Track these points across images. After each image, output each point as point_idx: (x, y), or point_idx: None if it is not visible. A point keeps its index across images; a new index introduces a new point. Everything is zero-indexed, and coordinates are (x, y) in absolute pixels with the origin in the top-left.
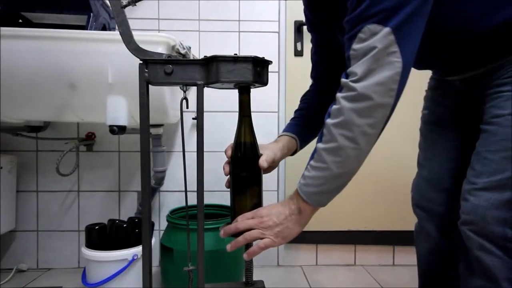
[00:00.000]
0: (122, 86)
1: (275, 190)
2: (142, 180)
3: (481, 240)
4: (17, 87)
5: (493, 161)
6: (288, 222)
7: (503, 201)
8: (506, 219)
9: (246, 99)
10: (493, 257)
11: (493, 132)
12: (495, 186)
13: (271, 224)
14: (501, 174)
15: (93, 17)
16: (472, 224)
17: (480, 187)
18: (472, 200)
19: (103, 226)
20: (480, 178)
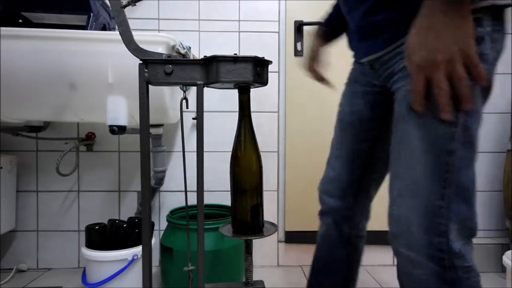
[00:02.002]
0: (122, 86)
1: (275, 190)
2: (142, 180)
3: (409, 253)
4: (17, 87)
5: (400, 163)
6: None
7: (419, 207)
8: (429, 226)
9: (246, 99)
10: (423, 270)
11: (395, 132)
12: (407, 190)
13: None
14: (408, 177)
15: (93, 17)
16: (398, 237)
17: (396, 194)
18: (394, 209)
19: (103, 226)
20: (394, 184)
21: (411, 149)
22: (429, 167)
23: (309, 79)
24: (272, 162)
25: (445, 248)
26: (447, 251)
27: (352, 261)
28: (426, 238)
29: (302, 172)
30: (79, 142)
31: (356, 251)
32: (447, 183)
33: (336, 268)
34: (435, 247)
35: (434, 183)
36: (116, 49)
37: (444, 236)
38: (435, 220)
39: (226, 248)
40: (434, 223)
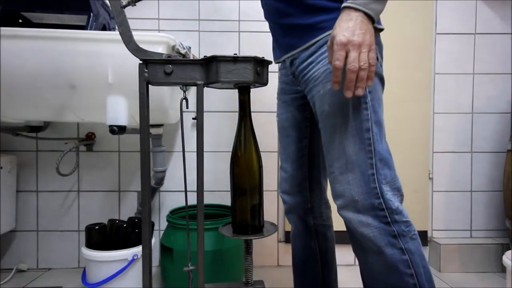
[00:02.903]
0: (122, 86)
1: (275, 190)
2: (142, 180)
3: (359, 217)
4: (17, 87)
5: (335, 148)
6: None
7: (358, 178)
8: (368, 191)
9: (246, 99)
10: (372, 228)
11: (326, 126)
12: (346, 168)
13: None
14: (344, 157)
15: (93, 17)
16: (346, 206)
17: (337, 173)
18: (338, 186)
19: (103, 226)
20: (333, 167)
21: (341, 136)
22: (357, 145)
23: None
24: (272, 162)
25: (384, 207)
26: (387, 209)
27: (326, 249)
28: (369, 202)
29: None
30: (79, 142)
31: (327, 239)
32: (372, 154)
33: (314, 260)
34: (377, 208)
35: (363, 157)
36: (116, 49)
37: (380, 197)
38: (371, 185)
39: (226, 248)
40: (371, 188)
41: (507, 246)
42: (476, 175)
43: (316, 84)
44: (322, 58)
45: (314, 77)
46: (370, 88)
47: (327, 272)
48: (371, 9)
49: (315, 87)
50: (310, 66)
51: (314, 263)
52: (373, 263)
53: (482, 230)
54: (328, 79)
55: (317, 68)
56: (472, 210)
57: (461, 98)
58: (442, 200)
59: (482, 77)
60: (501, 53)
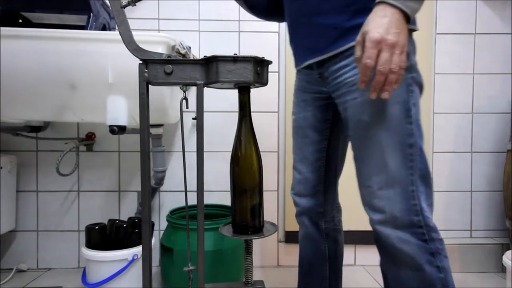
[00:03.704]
0: (122, 86)
1: (275, 190)
2: (142, 180)
3: (397, 233)
4: (17, 87)
5: (374, 162)
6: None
7: (398, 194)
8: (408, 208)
9: (246, 99)
10: (411, 245)
11: (364, 137)
12: (386, 183)
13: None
14: (385, 172)
15: (93, 17)
16: (386, 222)
17: (376, 188)
18: (377, 202)
19: (103, 226)
20: (371, 181)
21: (382, 150)
22: (399, 160)
23: None
24: (272, 162)
25: (423, 224)
26: (425, 226)
27: (336, 253)
28: (408, 219)
29: None
30: (79, 142)
31: (337, 243)
32: (413, 170)
33: (322, 264)
34: (416, 225)
35: (405, 173)
36: (116, 49)
37: (419, 215)
38: (411, 202)
39: (226, 248)
40: (411, 205)
41: (507, 246)
42: (476, 175)
43: (352, 90)
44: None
45: (349, 82)
46: (414, 100)
47: (334, 276)
48: (408, 6)
49: (350, 93)
50: (344, 69)
51: (322, 266)
52: (409, 279)
53: (482, 230)
54: (368, 87)
55: (354, 72)
56: (472, 210)
57: (461, 98)
58: (442, 200)
59: (482, 77)
60: (501, 53)
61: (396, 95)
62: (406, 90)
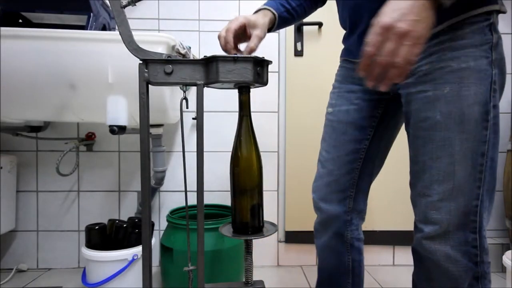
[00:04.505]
0: (122, 86)
1: (275, 190)
2: (142, 180)
3: (447, 250)
4: (17, 87)
5: (440, 168)
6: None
7: (460, 208)
8: (465, 224)
9: (246, 99)
10: (459, 266)
11: (431, 138)
12: (450, 194)
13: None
14: (451, 181)
15: (93, 17)
16: (435, 237)
17: (437, 199)
18: (434, 214)
19: (103, 226)
20: (432, 189)
21: (452, 155)
22: (468, 170)
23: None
24: (272, 162)
25: (478, 244)
26: (479, 247)
27: (359, 264)
28: (462, 235)
29: (302, 172)
30: (79, 142)
31: (361, 253)
32: (481, 183)
33: (345, 277)
34: (470, 244)
35: (473, 185)
36: (116, 49)
37: (477, 232)
38: (471, 218)
39: (226, 248)
40: (470, 221)
41: (507, 246)
42: None
43: (423, 81)
44: (438, 50)
45: (420, 71)
46: (495, 102)
47: (357, 286)
48: None
49: (420, 84)
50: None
51: (345, 279)
52: None
53: None
54: (446, 79)
55: (428, 61)
56: None
57: None
58: None
59: None
60: None
61: (476, 94)
62: (489, 89)
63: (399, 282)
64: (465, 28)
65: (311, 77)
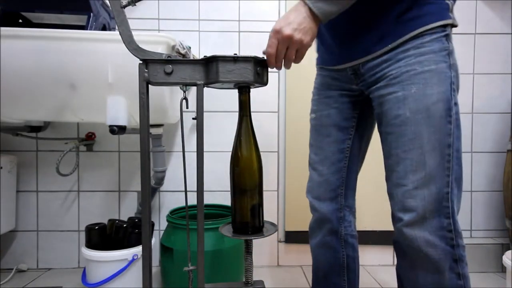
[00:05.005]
0: (122, 86)
1: (275, 190)
2: (142, 180)
3: (425, 235)
4: (17, 87)
5: (412, 159)
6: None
7: (433, 195)
8: (439, 209)
9: (246, 99)
10: (438, 250)
11: (402, 133)
12: (423, 183)
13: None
14: (423, 170)
15: (93, 17)
16: (414, 224)
17: (412, 188)
18: (410, 202)
19: (103, 226)
20: (407, 179)
21: (422, 147)
22: (437, 160)
23: (309, 79)
24: (272, 162)
25: (452, 228)
26: (454, 231)
27: (354, 260)
28: (438, 220)
29: (302, 172)
30: (79, 142)
31: (355, 250)
32: (449, 171)
33: (339, 274)
34: (445, 228)
35: (442, 173)
36: (116, 49)
37: (450, 217)
38: (444, 204)
39: (226, 248)
40: (443, 207)
41: (507, 246)
42: (476, 175)
43: (392, 83)
44: (404, 56)
45: (389, 76)
46: (455, 100)
47: (353, 283)
48: (317, 7)
49: (389, 86)
50: (386, 63)
51: (339, 277)
52: (426, 284)
53: (482, 230)
54: (412, 81)
55: (396, 66)
56: (472, 210)
57: (461, 98)
58: None
59: (482, 77)
60: (501, 53)
61: (439, 92)
62: (449, 89)
63: None
64: (426, 37)
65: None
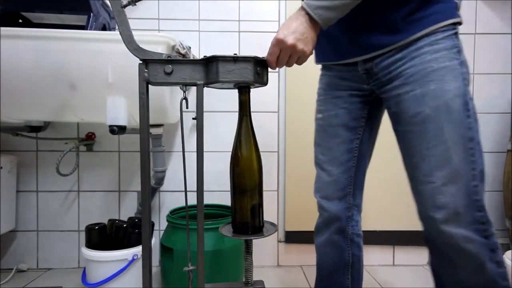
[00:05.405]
0: (122, 86)
1: (275, 190)
2: (142, 180)
3: (461, 231)
4: (17, 87)
5: (437, 155)
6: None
7: (462, 189)
8: (470, 204)
9: (246, 99)
10: (476, 244)
11: (424, 131)
12: (450, 178)
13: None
14: (449, 166)
15: (93, 17)
16: (449, 220)
17: (440, 184)
18: (441, 198)
19: (103, 226)
20: (434, 176)
21: (446, 142)
22: (461, 155)
23: (309, 79)
24: (272, 162)
25: (485, 220)
26: (487, 222)
27: (359, 260)
28: (471, 215)
29: (302, 172)
30: (79, 142)
31: (360, 249)
32: (474, 165)
33: (343, 273)
34: (479, 221)
35: (467, 167)
36: (116, 49)
37: (481, 210)
38: (474, 198)
39: (226, 248)
40: (473, 201)
41: (507, 246)
42: None
43: (409, 82)
44: (418, 54)
45: (405, 74)
46: (470, 95)
47: (356, 282)
48: (317, 14)
49: (406, 85)
50: (400, 61)
51: (344, 276)
52: (469, 278)
53: None
54: (430, 78)
55: (411, 64)
56: None
57: None
58: None
59: (482, 77)
60: (501, 53)
61: (455, 88)
62: (463, 84)
63: (399, 282)
64: (438, 35)
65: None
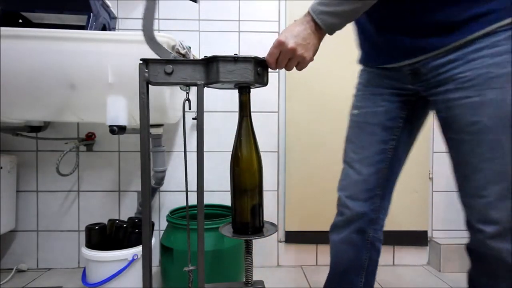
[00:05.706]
0: (122, 86)
1: (275, 190)
2: (142, 180)
3: (510, 248)
4: (17, 87)
5: (492, 169)
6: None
7: None
8: None
9: (246, 99)
10: None
11: (480, 141)
12: (505, 194)
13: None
14: (506, 181)
15: (93, 17)
16: (500, 236)
17: (494, 199)
18: (494, 213)
19: (103, 226)
20: (488, 190)
21: (504, 155)
22: None
23: (309, 79)
24: (272, 162)
25: None
26: None
27: (375, 263)
28: None
29: (302, 172)
30: (79, 142)
31: (378, 253)
32: None
33: (358, 274)
34: None
35: None
36: (116, 49)
37: None
38: None
39: (226, 248)
40: None
41: None
42: None
43: (465, 87)
44: (477, 57)
45: (460, 78)
46: None
47: (369, 285)
48: (321, 19)
49: (461, 90)
50: (453, 63)
51: (358, 276)
52: None
53: None
54: (489, 85)
55: (468, 68)
56: None
57: None
58: (442, 200)
59: None
60: None
61: None
62: None
63: (399, 282)
64: (499, 35)
65: (311, 77)
